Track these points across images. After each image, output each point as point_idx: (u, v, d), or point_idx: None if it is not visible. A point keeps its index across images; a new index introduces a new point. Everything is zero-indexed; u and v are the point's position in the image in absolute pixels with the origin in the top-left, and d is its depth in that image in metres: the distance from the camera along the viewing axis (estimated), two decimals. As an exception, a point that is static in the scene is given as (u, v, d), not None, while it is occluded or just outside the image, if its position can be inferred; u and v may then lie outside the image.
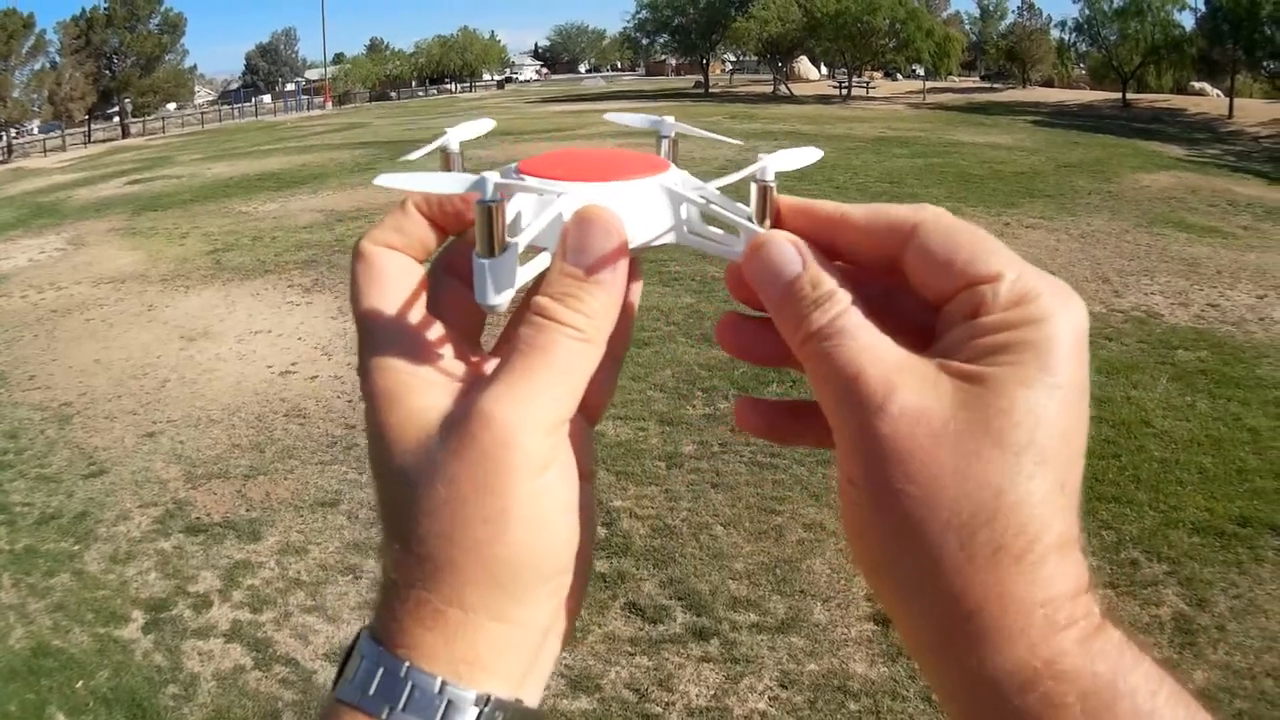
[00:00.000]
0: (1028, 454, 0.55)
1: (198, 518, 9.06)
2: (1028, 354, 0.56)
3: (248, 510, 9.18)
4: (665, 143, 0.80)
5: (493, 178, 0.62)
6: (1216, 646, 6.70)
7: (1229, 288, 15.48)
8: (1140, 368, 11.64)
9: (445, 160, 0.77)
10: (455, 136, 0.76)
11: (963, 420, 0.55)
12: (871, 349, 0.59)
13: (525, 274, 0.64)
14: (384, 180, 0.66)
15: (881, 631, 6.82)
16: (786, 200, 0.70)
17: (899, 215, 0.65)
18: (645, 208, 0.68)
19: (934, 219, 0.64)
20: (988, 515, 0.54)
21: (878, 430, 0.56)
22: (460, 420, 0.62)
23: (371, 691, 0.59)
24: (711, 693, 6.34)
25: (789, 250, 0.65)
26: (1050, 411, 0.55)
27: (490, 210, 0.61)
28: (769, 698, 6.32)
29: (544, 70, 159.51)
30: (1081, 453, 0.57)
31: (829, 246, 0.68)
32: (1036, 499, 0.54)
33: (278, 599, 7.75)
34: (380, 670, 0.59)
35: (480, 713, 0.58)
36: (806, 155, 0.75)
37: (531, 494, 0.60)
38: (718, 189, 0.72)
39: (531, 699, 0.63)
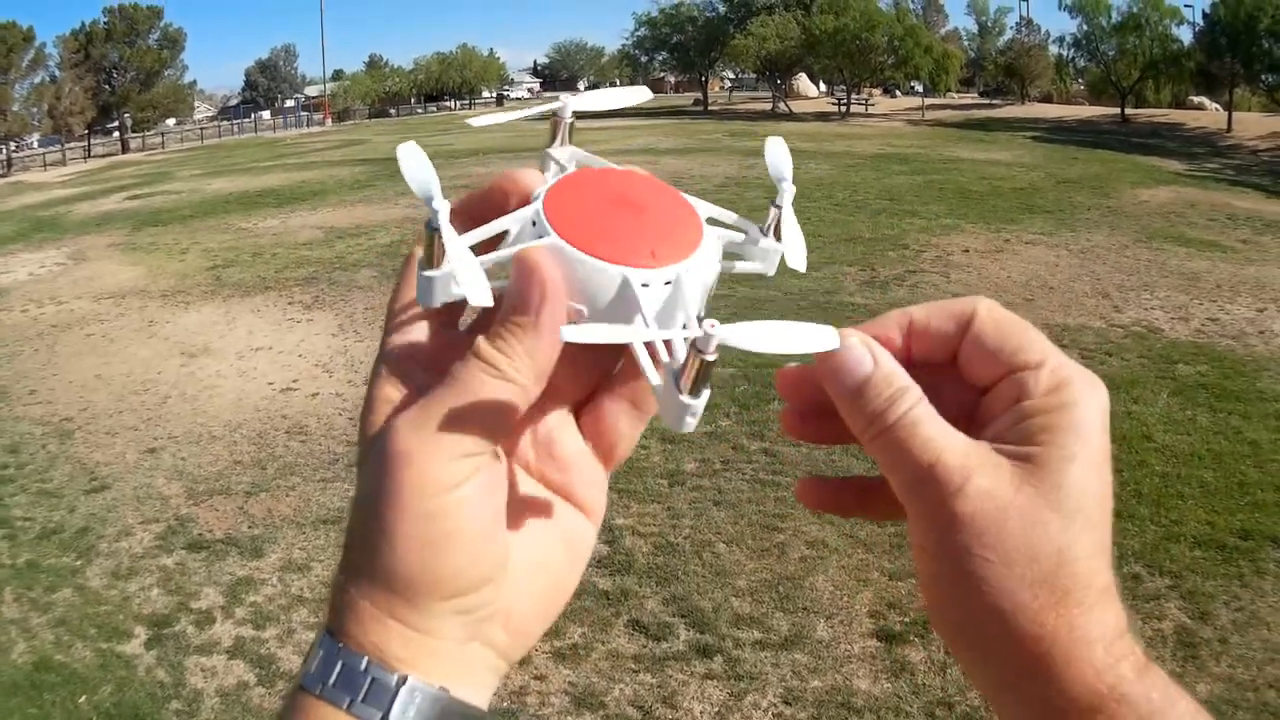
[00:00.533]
0: (1078, 519, 0.63)
1: (200, 534, 9.06)
2: (1069, 435, 0.65)
3: (250, 527, 9.18)
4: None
5: (444, 209, 0.66)
6: (1219, 659, 6.71)
7: (1229, 301, 15.51)
8: (1141, 383, 11.64)
9: (554, 127, 0.83)
10: (572, 105, 0.82)
11: (1025, 495, 0.63)
12: (943, 437, 0.66)
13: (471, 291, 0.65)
14: (402, 151, 0.70)
15: (884, 648, 6.82)
16: (866, 325, 0.73)
17: (957, 309, 0.72)
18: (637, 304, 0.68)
19: (987, 311, 0.71)
20: (1054, 569, 0.62)
21: (958, 510, 0.63)
22: (380, 435, 0.67)
23: (312, 669, 0.65)
24: (716, 710, 6.35)
25: (860, 351, 0.69)
26: (1091, 482, 0.64)
27: (431, 235, 0.66)
28: (773, 714, 6.32)
29: (535, 89, 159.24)
30: (1110, 510, 0.66)
31: (903, 353, 0.73)
32: (1088, 554, 0.63)
33: (280, 616, 7.75)
34: (320, 652, 0.65)
35: (396, 692, 0.63)
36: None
37: (426, 513, 0.64)
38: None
39: (460, 692, 0.67)
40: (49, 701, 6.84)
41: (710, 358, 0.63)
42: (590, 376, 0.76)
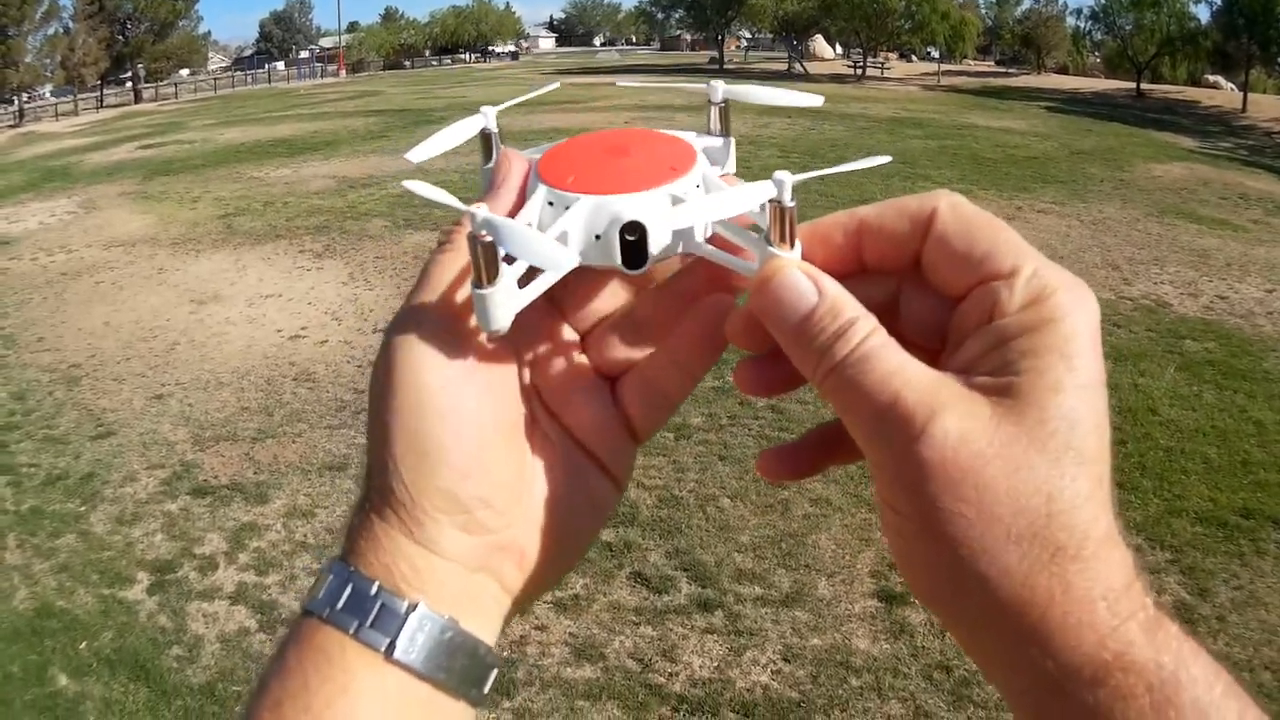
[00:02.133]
0: (1067, 457, 0.55)
1: (205, 480, 9.08)
2: (1052, 357, 0.57)
3: (255, 473, 9.19)
4: (714, 111, 0.79)
5: (482, 211, 0.62)
6: (1216, 637, 6.69)
7: (1238, 280, 15.44)
8: (1148, 356, 11.62)
9: (486, 142, 0.78)
10: (491, 114, 0.77)
11: (1004, 435, 0.56)
12: (901, 371, 0.59)
13: (528, 295, 0.65)
14: (411, 185, 0.70)
15: (885, 608, 6.83)
16: (801, 229, 0.67)
17: (915, 206, 0.65)
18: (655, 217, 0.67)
19: (949, 208, 0.64)
20: (1042, 522, 0.55)
21: (923, 457, 0.56)
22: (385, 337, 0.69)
23: (319, 595, 0.64)
24: (715, 664, 6.36)
25: (803, 282, 0.63)
26: (1080, 412, 0.56)
27: (477, 245, 0.62)
28: (771, 671, 6.33)
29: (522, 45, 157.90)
30: (1108, 443, 0.58)
31: (853, 262, 0.68)
32: (1082, 499, 0.55)
33: (284, 562, 7.76)
34: (330, 576, 0.65)
35: (406, 618, 0.63)
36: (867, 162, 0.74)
37: (416, 403, 0.65)
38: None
39: (468, 625, 0.67)
40: (49, 648, 6.85)
41: (790, 204, 0.64)
42: (624, 343, 0.74)
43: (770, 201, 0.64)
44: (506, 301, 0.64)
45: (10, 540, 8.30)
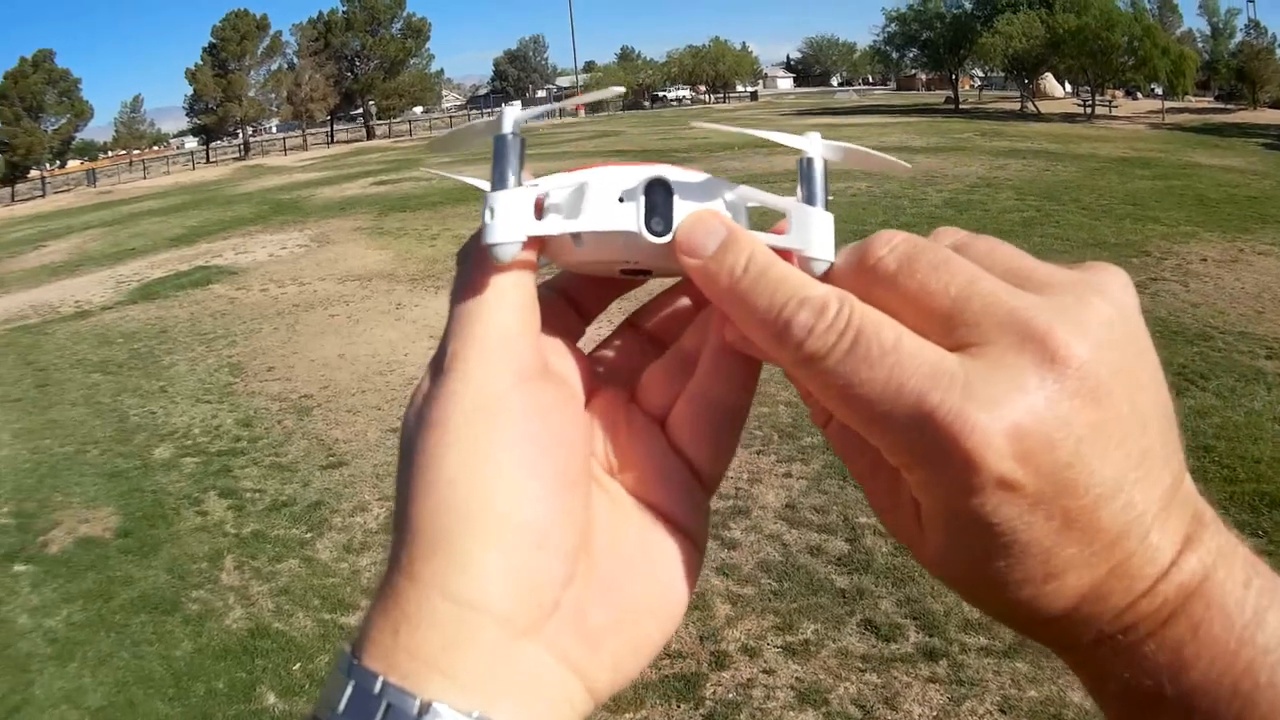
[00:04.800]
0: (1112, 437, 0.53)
1: (437, 514, 9.10)
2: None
3: (487, 510, 9.26)
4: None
5: (513, 112, 0.64)
6: None
7: None
8: None
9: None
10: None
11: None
12: (922, 351, 0.55)
13: (544, 227, 0.63)
14: (433, 145, 0.78)
15: None
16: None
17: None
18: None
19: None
20: (1110, 543, 0.54)
21: (982, 514, 0.53)
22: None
23: (326, 695, 0.55)
24: (934, 713, 6.36)
25: (711, 219, 0.63)
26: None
27: (506, 143, 0.63)
28: (987, 721, 6.30)
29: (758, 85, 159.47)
30: (1135, 410, 0.55)
31: None
32: (1129, 487, 0.53)
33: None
34: (335, 672, 0.56)
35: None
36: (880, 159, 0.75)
37: (469, 412, 0.59)
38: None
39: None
40: (260, 667, 7.03)
41: (822, 156, 0.65)
42: (674, 379, 0.70)
43: (802, 160, 0.65)
44: (520, 216, 0.62)
45: (228, 562, 8.53)
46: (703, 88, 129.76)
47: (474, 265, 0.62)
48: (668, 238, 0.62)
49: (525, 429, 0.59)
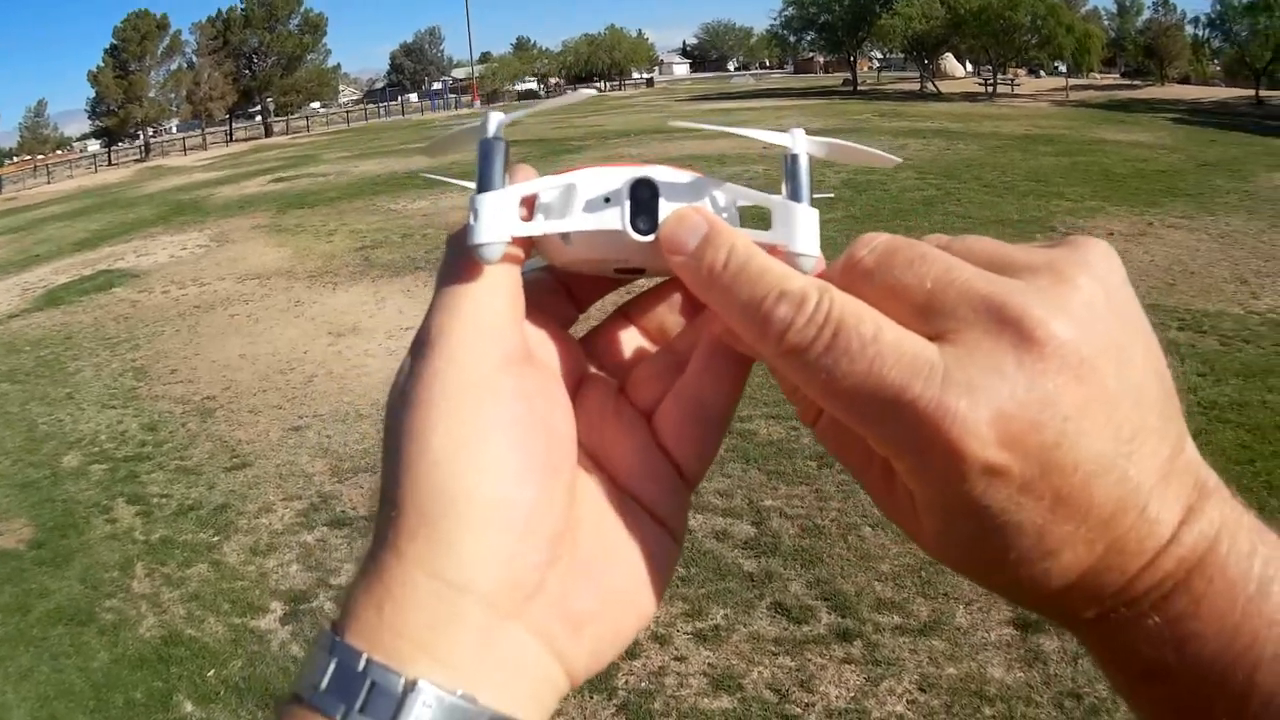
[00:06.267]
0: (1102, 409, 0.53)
1: (343, 511, 9.17)
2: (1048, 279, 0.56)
3: (395, 505, 9.24)
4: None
5: (497, 116, 0.64)
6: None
7: (1366, 290, 15.12)
8: (1276, 371, 11.33)
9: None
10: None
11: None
12: (905, 341, 0.55)
13: (530, 228, 0.64)
14: (429, 151, 0.79)
15: (1020, 636, 6.78)
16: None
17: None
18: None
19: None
20: (1109, 516, 0.54)
21: (971, 499, 0.54)
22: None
23: (305, 672, 0.55)
24: (851, 694, 6.36)
25: (693, 216, 0.64)
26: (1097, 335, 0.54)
27: (492, 145, 0.63)
28: (907, 700, 6.32)
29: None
30: (1138, 356, 0.56)
31: None
32: (1129, 450, 0.54)
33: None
34: (316, 649, 0.56)
35: (403, 700, 0.53)
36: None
37: (459, 390, 0.59)
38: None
39: (491, 700, 0.55)
40: (176, 675, 7.00)
41: (806, 152, 0.66)
42: (664, 377, 0.71)
43: (786, 156, 0.66)
44: (505, 217, 0.63)
45: (138, 569, 8.49)
46: (601, 84, 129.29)
47: (461, 252, 0.63)
48: (652, 236, 0.64)
49: (511, 411, 0.60)
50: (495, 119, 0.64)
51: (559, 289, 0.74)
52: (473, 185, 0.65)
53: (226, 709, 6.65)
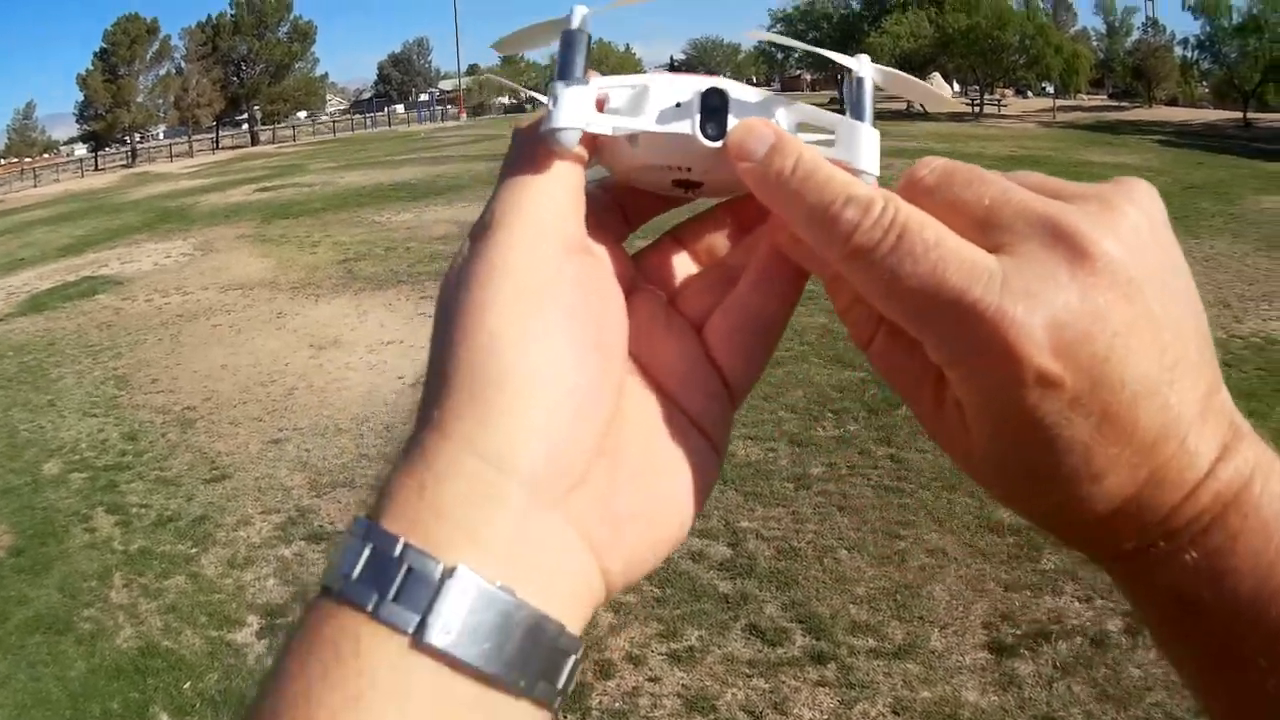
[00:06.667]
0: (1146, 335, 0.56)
1: (321, 525, 9.16)
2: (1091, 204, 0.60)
3: (373, 521, 9.23)
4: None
5: (581, 8, 0.66)
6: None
7: (1349, 314, 15.10)
8: (1258, 395, 11.23)
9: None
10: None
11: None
12: (964, 249, 0.57)
13: (602, 122, 0.65)
14: (498, 44, 0.79)
15: (995, 660, 6.74)
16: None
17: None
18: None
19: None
20: (1153, 441, 0.56)
21: (1024, 408, 0.56)
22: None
23: (334, 563, 0.53)
24: (825, 717, 6.27)
25: (759, 125, 0.65)
26: (1146, 260, 0.58)
27: (575, 36, 0.66)
28: (879, 724, 6.37)
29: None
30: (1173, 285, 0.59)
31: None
32: (1172, 379, 0.56)
33: (399, 609, 7.83)
34: (348, 538, 0.53)
35: (440, 587, 0.50)
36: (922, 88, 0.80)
37: (523, 268, 0.60)
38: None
39: (531, 595, 0.54)
40: (152, 686, 6.99)
41: (870, 77, 0.69)
42: (714, 290, 0.72)
43: (851, 79, 0.69)
44: (583, 107, 0.64)
45: (116, 579, 8.48)
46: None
47: (530, 143, 0.64)
48: (720, 143, 0.65)
49: (570, 297, 0.60)
50: (580, 11, 0.66)
51: (613, 205, 0.75)
52: (537, 94, 0.70)
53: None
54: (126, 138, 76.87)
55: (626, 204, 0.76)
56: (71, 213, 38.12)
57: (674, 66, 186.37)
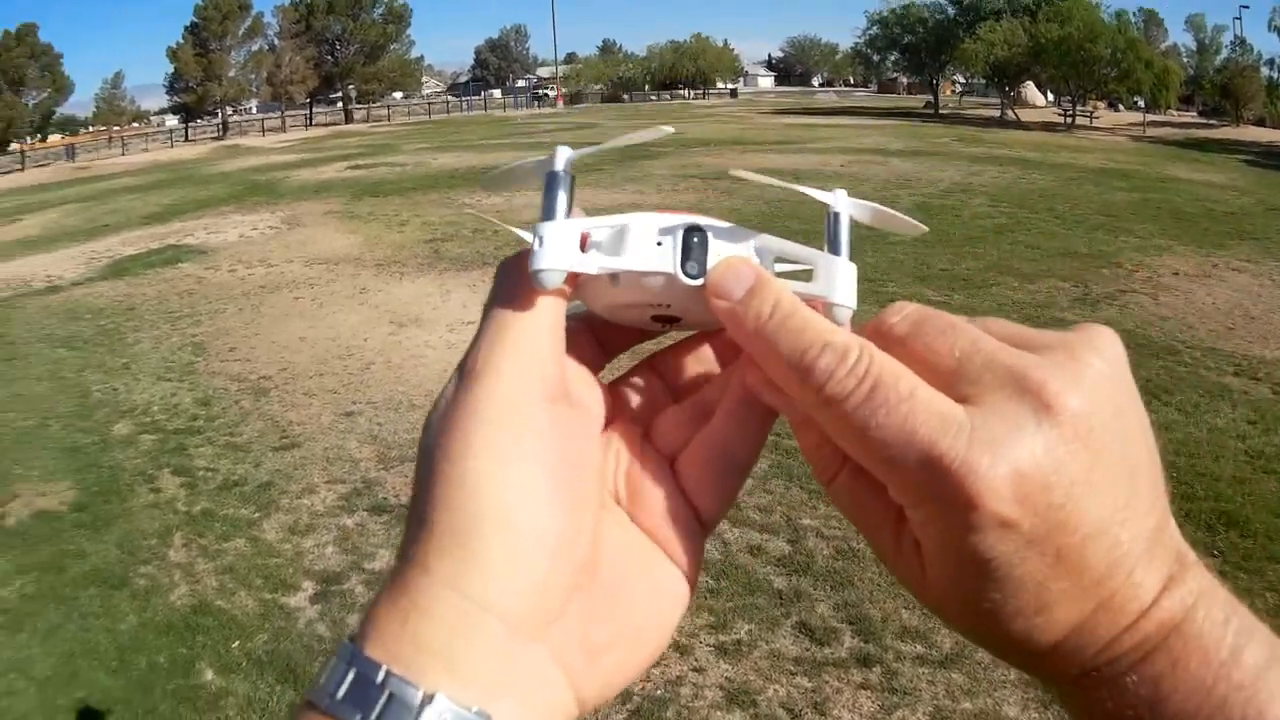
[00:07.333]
0: (1107, 477, 0.58)
1: (385, 498, 9.18)
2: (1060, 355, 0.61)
3: (438, 497, 9.22)
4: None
5: (566, 152, 0.68)
6: None
7: None
8: None
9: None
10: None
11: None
12: (935, 402, 0.59)
13: (586, 261, 0.67)
14: (485, 184, 0.81)
15: None
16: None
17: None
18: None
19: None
20: (1100, 578, 0.58)
21: (981, 549, 0.58)
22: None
23: (321, 680, 0.56)
24: None
25: (742, 266, 0.67)
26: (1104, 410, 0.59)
27: (559, 179, 0.67)
28: (918, 731, 6.28)
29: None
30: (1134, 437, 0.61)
31: None
32: (1124, 518, 0.59)
33: (454, 584, 7.81)
34: (333, 660, 0.57)
35: (421, 710, 0.53)
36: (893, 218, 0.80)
37: (497, 418, 0.61)
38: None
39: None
40: (200, 643, 7.04)
41: (847, 212, 0.71)
42: (689, 425, 0.73)
43: (829, 213, 0.71)
44: (566, 247, 0.65)
45: (176, 539, 8.55)
46: (686, 91, 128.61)
47: (515, 281, 0.65)
48: (700, 281, 0.66)
49: (547, 444, 0.62)
50: (564, 154, 0.68)
51: (590, 336, 0.76)
52: (513, 228, 0.73)
53: (246, 680, 6.67)
54: (218, 110, 77.76)
55: (603, 335, 0.78)
56: (159, 182, 38.81)
57: (771, 64, 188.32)
